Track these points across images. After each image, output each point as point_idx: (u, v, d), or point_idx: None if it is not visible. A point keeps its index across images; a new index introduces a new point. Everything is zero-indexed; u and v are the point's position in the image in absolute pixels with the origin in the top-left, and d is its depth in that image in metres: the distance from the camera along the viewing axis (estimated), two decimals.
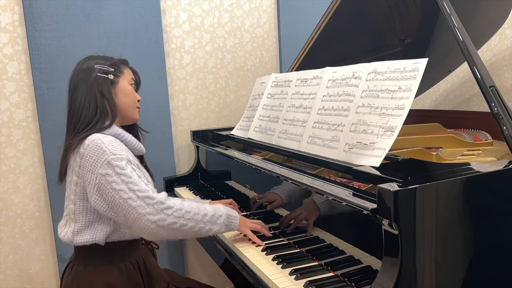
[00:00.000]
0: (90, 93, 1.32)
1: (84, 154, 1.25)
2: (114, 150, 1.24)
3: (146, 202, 1.21)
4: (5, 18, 1.91)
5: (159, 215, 1.21)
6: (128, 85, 1.41)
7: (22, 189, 2.02)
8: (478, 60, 1.16)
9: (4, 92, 1.94)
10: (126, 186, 1.21)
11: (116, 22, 2.06)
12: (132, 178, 1.22)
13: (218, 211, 1.32)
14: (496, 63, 2.16)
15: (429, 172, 1.03)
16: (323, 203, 1.17)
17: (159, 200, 1.23)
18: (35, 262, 2.08)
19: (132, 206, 1.20)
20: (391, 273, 0.88)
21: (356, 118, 1.23)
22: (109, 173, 1.22)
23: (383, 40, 1.89)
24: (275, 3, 2.43)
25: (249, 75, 2.43)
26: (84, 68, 1.35)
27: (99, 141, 1.25)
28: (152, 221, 1.21)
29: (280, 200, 1.31)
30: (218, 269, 1.52)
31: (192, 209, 1.27)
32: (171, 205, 1.24)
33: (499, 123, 1.12)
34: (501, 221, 1.04)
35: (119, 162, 1.23)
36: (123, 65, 1.43)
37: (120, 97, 1.38)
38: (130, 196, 1.20)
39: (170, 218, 1.22)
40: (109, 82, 1.35)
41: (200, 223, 1.27)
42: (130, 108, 1.41)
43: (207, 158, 2.16)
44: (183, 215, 1.24)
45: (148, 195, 1.22)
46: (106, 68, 1.36)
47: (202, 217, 1.27)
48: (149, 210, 1.21)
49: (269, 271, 1.17)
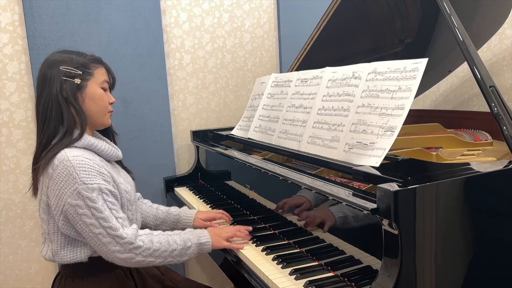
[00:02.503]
0: (54, 99, 1.22)
1: (52, 176, 1.18)
2: (85, 177, 1.17)
3: (115, 240, 1.19)
4: (5, 18, 1.91)
5: (127, 254, 1.20)
6: (97, 88, 1.28)
7: (22, 189, 2.02)
8: (478, 60, 1.16)
9: (4, 92, 1.94)
10: (97, 221, 1.18)
11: (116, 22, 2.06)
12: (103, 213, 1.18)
13: (187, 242, 1.28)
14: (496, 63, 2.16)
15: (429, 172, 1.03)
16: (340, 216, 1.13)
17: (128, 240, 1.20)
18: (35, 262, 2.08)
19: (102, 242, 1.19)
20: (391, 273, 0.88)
21: (356, 118, 1.23)
22: (79, 205, 1.17)
23: (383, 40, 1.89)
24: (275, 3, 2.43)
25: (249, 75, 2.43)
26: (48, 71, 1.24)
27: (69, 163, 1.17)
28: (120, 258, 1.21)
29: (308, 203, 1.27)
30: (218, 269, 1.52)
31: (161, 245, 1.25)
32: (140, 245, 1.21)
33: (499, 123, 1.12)
34: (501, 221, 1.04)
35: (90, 193, 1.17)
36: (95, 64, 1.29)
37: (88, 103, 1.27)
38: (101, 232, 1.18)
39: (138, 257, 1.22)
40: (74, 86, 1.24)
41: (168, 258, 1.26)
42: (100, 114, 1.31)
43: (207, 158, 2.16)
44: (151, 254, 1.23)
45: (118, 234, 1.19)
46: (72, 70, 1.24)
47: (171, 252, 1.26)
48: (118, 249, 1.20)
49: (269, 271, 1.17)
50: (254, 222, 1.54)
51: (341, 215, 1.13)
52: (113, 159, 1.35)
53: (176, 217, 1.56)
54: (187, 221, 1.55)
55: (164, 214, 1.57)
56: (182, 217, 1.56)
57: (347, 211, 1.10)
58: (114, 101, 1.36)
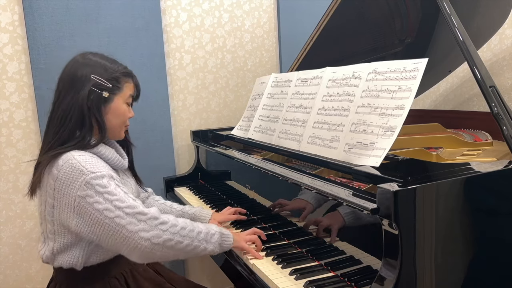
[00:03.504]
0: (78, 107, 1.19)
1: (58, 176, 1.13)
2: (92, 167, 1.13)
3: (137, 219, 1.11)
4: (5, 18, 1.91)
5: (153, 231, 1.12)
6: (122, 104, 1.27)
7: (22, 189, 2.02)
8: (478, 60, 1.16)
9: (4, 92, 1.94)
10: (111, 204, 1.11)
11: (116, 22, 2.06)
12: (117, 195, 1.12)
13: (211, 229, 1.24)
14: (496, 63, 2.16)
15: (429, 172, 1.03)
16: (348, 213, 1.10)
17: (153, 215, 1.13)
18: (35, 262, 2.08)
19: (121, 224, 1.10)
20: (391, 273, 0.88)
21: (356, 118, 1.23)
22: (89, 194, 1.11)
23: (383, 40, 1.89)
24: (275, 3, 2.43)
25: (249, 75, 2.43)
26: (78, 74, 1.21)
27: (74, 160, 1.13)
28: (146, 238, 1.11)
29: (311, 207, 1.24)
30: (218, 269, 1.52)
31: (187, 225, 1.19)
32: (166, 220, 1.15)
33: (499, 123, 1.12)
34: (501, 221, 1.04)
35: (99, 180, 1.12)
36: (125, 78, 1.28)
37: (110, 117, 1.25)
38: (118, 214, 1.10)
39: (165, 234, 1.13)
40: (102, 99, 1.22)
41: (195, 241, 1.19)
42: (118, 128, 1.30)
43: (207, 158, 2.16)
44: (179, 231, 1.16)
45: (139, 211, 1.12)
46: (103, 83, 1.22)
47: (197, 234, 1.19)
48: (142, 227, 1.11)
49: (269, 271, 1.17)
50: (254, 222, 1.54)
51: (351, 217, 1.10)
52: (118, 168, 1.31)
53: (191, 216, 1.53)
54: (203, 221, 1.51)
55: (179, 213, 1.54)
56: (198, 216, 1.53)
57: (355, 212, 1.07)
58: (133, 115, 1.34)
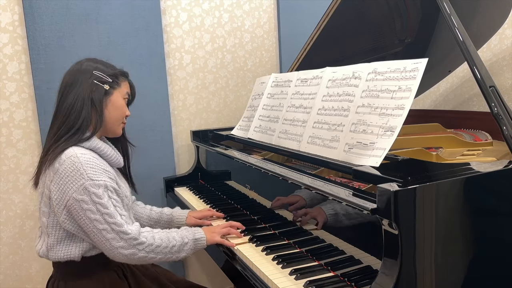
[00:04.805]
0: (81, 97, 1.28)
1: (58, 170, 1.21)
2: (92, 174, 1.21)
3: (120, 236, 1.22)
4: (5, 18, 1.91)
5: (131, 249, 1.24)
6: (121, 99, 1.37)
7: (22, 189, 2.02)
8: (478, 60, 1.16)
9: (4, 92, 1.94)
10: (101, 217, 1.20)
11: (116, 22, 2.06)
12: (108, 209, 1.21)
13: (184, 238, 1.34)
14: (496, 63, 2.16)
15: (429, 172, 1.03)
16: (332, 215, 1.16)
17: (133, 236, 1.24)
18: (35, 262, 2.08)
19: (106, 237, 1.22)
20: (391, 273, 0.88)
21: (356, 118, 1.23)
22: (85, 200, 1.20)
23: (383, 40, 1.89)
24: (275, 3, 2.43)
25: (249, 75, 2.43)
26: (82, 70, 1.32)
27: (77, 159, 1.21)
28: (123, 254, 1.23)
29: (303, 201, 1.31)
30: (218, 269, 1.52)
31: (162, 242, 1.29)
32: (143, 241, 1.26)
33: (499, 123, 1.12)
34: (501, 221, 1.04)
35: (96, 189, 1.20)
36: (123, 77, 1.40)
37: (110, 109, 1.34)
38: (105, 228, 1.21)
39: (141, 252, 1.25)
40: (103, 91, 1.32)
41: (168, 254, 1.31)
42: (116, 122, 1.38)
43: (207, 158, 2.16)
44: (153, 250, 1.27)
45: (122, 230, 1.22)
46: (104, 77, 1.32)
47: (170, 248, 1.31)
48: (122, 244, 1.22)
49: (269, 271, 1.17)
50: (254, 222, 1.54)
51: (332, 213, 1.15)
52: (115, 166, 1.39)
53: (169, 217, 1.63)
54: (180, 220, 1.62)
55: (158, 215, 1.63)
56: (175, 216, 1.63)
57: (339, 209, 1.11)
58: (129, 114, 1.43)
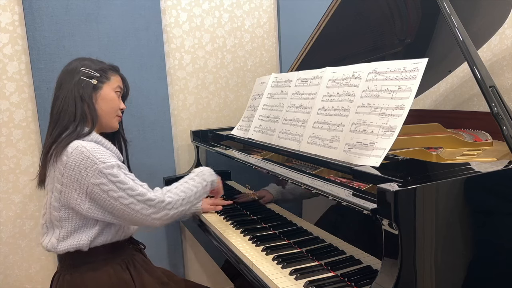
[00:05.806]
0: (71, 96, 1.31)
1: (68, 162, 1.24)
2: (102, 157, 1.25)
3: (148, 204, 1.28)
4: (5, 18, 1.91)
5: (162, 212, 1.31)
6: (111, 92, 1.39)
7: (22, 189, 2.02)
8: (478, 60, 1.16)
9: (4, 92, 1.94)
10: (124, 192, 1.25)
11: (116, 22, 2.06)
12: (128, 184, 1.26)
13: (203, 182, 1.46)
14: (496, 63, 2.16)
15: (429, 172, 1.03)
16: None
17: (159, 200, 1.31)
18: (35, 262, 2.08)
19: (135, 210, 1.27)
20: (391, 273, 0.88)
21: (356, 118, 1.23)
22: (104, 182, 1.23)
23: (383, 40, 1.89)
24: (275, 3, 2.43)
25: (249, 75, 2.43)
26: (70, 69, 1.35)
27: (83, 148, 1.24)
28: (157, 219, 1.31)
29: (270, 196, 1.46)
30: (218, 269, 1.52)
31: (185, 193, 1.39)
32: (170, 201, 1.33)
33: (499, 123, 1.11)
34: (501, 221, 1.04)
35: (110, 170, 1.24)
36: (112, 71, 1.41)
37: (100, 103, 1.36)
38: (131, 201, 1.26)
39: (172, 211, 1.33)
40: (91, 86, 1.34)
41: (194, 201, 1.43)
42: (109, 115, 1.40)
43: (207, 158, 2.16)
44: (181, 203, 1.36)
45: (147, 198, 1.28)
46: (91, 72, 1.35)
47: (194, 194, 1.42)
48: (152, 210, 1.29)
49: (269, 271, 1.17)
50: (254, 222, 1.54)
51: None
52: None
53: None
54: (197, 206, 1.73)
55: None
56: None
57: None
58: (124, 107, 1.46)
